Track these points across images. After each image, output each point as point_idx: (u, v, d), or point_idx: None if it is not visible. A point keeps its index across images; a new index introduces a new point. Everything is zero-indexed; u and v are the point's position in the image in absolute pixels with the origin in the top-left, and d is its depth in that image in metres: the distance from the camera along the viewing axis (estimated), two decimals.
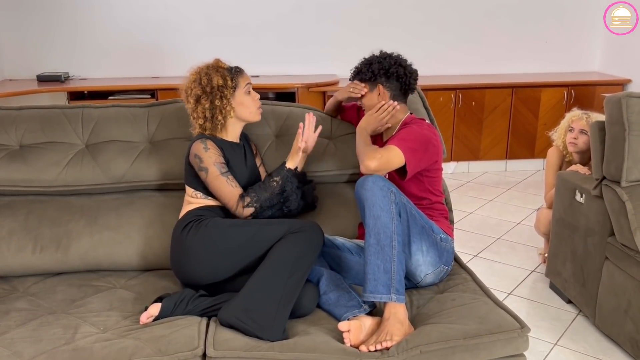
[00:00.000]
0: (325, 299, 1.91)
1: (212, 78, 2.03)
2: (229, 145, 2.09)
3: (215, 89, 2.03)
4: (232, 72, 2.08)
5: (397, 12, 4.96)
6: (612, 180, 2.40)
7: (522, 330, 1.73)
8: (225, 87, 2.04)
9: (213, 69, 2.06)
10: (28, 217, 2.14)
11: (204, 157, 1.99)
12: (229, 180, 1.99)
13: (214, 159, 1.99)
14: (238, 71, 2.10)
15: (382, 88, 2.14)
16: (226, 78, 2.05)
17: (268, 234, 1.87)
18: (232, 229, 1.92)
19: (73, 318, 1.84)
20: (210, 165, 1.98)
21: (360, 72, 2.19)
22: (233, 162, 2.07)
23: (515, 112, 4.83)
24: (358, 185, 1.89)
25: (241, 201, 1.97)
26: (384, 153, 1.93)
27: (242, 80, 2.09)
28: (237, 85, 2.07)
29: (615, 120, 2.35)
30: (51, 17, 4.70)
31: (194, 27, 4.83)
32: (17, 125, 2.22)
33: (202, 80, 2.04)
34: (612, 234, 2.39)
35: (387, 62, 2.14)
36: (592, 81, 4.88)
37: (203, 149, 2.00)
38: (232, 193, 1.97)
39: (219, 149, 2.03)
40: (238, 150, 2.13)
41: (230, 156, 2.07)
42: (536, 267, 3.23)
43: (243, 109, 2.09)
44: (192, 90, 2.06)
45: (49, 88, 4.41)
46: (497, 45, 5.14)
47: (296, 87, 4.43)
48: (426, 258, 1.97)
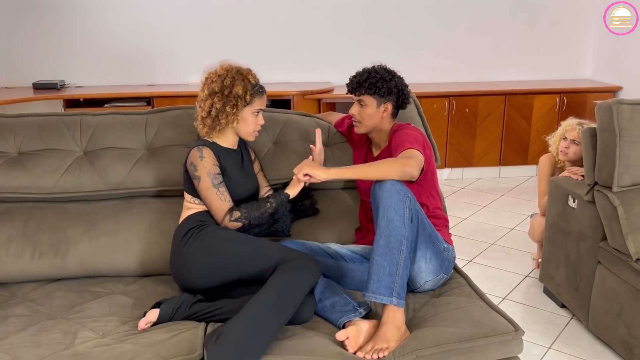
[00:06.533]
0: (321, 306, 1.93)
1: (236, 84, 2.03)
2: (225, 152, 2.09)
3: (232, 95, 2.03)
4: (253, 89, 2.07)
5: (391, 21, 5.01)
6: (603, 186, 2.43)
7: (517, 333, 1.76)
8: (241, 99, 2.04)
9: (241, 77, 2.05)
10: (27, 223, 2.15)
11: (199, 165, 2.00)
12: (219, 192, 1.99)
13: (208, 169, 2.00)
14: (259, 92, 2.09)
15: (389, 105, 2.17)
16: (247, 91, 2.05)
17: (261, 258, 1.87)
18: (229, 243, 1.93)
19: (72, 323, 1.85)
20: (203, 174, 1.99)
21: (375, 85, 2.13)
22: (229, 169, 2.07)
23: (509, 119, 4.88)
24: (375, 185, 1.91)
25: (229, 215, 1.97)
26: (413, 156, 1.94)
27: (257, 102, 2.09)
28: (251, 102, 2.06)
29: (606, 127, 2.39)
30: (47, 26, 4.72)
31: (190, 35, 4.86)
32: (16, 133, 2.24)
33: (225, 80, 2.04)
34: (605, 238, 2.43)
35: (399, 81, 2.17)
36: (584, 88, 4.94)
37: (199, 157, 2.00)
38: (220, 207, 1.98)
39: (215, 158, 2.03)
40: (235, 157, 2.13)
41: (226, 163, 2.07)
42: (530, 272, 3.26)
43: (244, 125, 2.08)
44: (213, 82, 2.05)
45: (45, 96, 4.42)
46: (490, 53, 5.20)
47: (291, 94, 4.46)
48: (428, 266, 2.00)
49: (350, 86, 2.19)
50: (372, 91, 2.14)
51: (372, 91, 2.14)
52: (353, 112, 2.21)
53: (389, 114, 2.18)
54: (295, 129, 2.38)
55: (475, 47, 5.17)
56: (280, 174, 2.30)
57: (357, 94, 2.17)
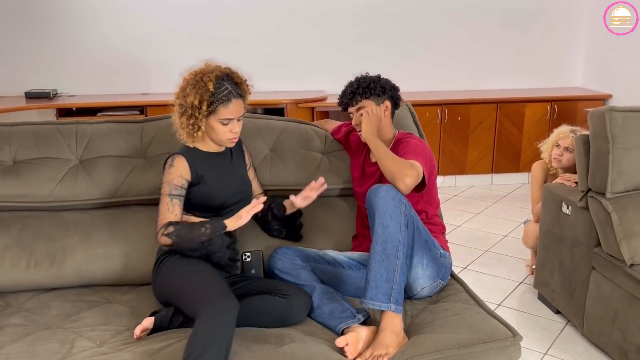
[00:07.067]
0: (319, 312, 1.93)
1: (189, 94, 1.92)
2: (206, 157, 2.03)
3: (187, 105, 1.93)
4: (214, 97, 1.91)
5: (383, 30, 5.05)
6: (597, 192, 2.46)
7: (515, 339, 1.77)
8: (198, 109, 1.92)
9: (198, 84, 1.91)
10: (22, 232, 2.14)
11: (165, 172, 1.97)
12: (170, 203, 1.93)
13: (171, 178, 1.95)
14: (225, 100, 1.92)
15: (388, 103, 2.21)
16: (203, 101, 1.91)
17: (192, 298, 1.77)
18: (176, 277, 1.86)
19: (69, 333, 1.84)
20: (164, 182, 1.96)
21: (369, 87, 2.18)
22: (210, 175, 2.01)
23: (500, 127, 4.92)
24: (371, 192, 1.92)
25: (164, 228, 1.89)
26: (416, 169, 1.97)
27: (223, 111, 1.93)
28: (214, 112, 1.93)
29: (599, 134, 2.42)
30: (39, 35, 4.71)
31: (182, 44, 4.86)
32: (11, 141, 2.23)
33: (186, 89, 1.94)
34: (599, 244, 2.45)
35: (386, 80, 2.23)
36: (575, 96, 4.98)
37: (169, 165, 1.97)
38: (163, 217, 1.92)
39: (186, 168, 1.96)
40: (218, 161, 2.06)
41: (206, 169, 2.00)
42: (524, 279, 3.27)
43: (212, 133, 1.99)
44: (177, 93, 1.99)
45: (38, 105, 4.40)
46: (482, 62, 5.24)
47: (285, 102, 4.48)
48: (425, 272, 2.01)
49: (346, 99, 2.23)
50: (369, 93, 2.19)
51: (369, 93, 2.19)
52: (356, 122, 2.23)
53: (389, 112, 2.22)
54: (292, 136, 2.38)
55: (466, 56, 5.21)
56: (276, 180, 2.31)
57: (354, 103, 2.21)
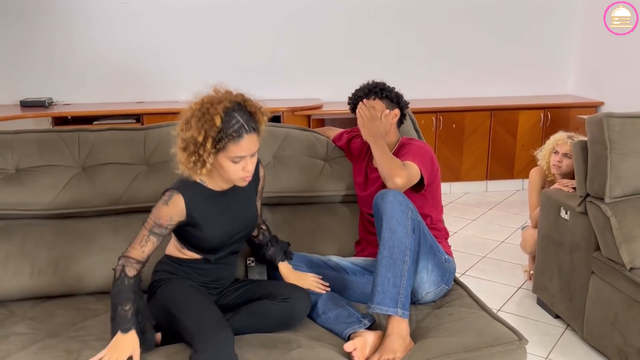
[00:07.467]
0: (325, 318, 1.94)
1: (192, 127, 1.65)
2: (209, 196, 1.80)
3: (189, 140, 1.67)
4: (225, 133, 1.64)
5: (378, 39, 5.09)
6: (595, 197, 2.49)
7: (521, 342, 1.78)
8: (202, 145, 1.65)
9: (204, 117, 1.65)
10: (25, 240, 2.13)
11: (157, 206, 1.76)
12: (146, 239, 1.75)
13: (160, 215, 1.74)
14: (235, 136, 1.65)
15: (397, 111, 2.25)
16: (208, 137, 1.64)
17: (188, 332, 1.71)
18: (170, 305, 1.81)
19: (74, 342, 1.83)
20: (152, 216, 1.76)
21: (386, 89, 2.24)
22: (208, 219, 1.80)
23: (495, 134, 4.96)
24: (378, 197, 1.93)
25: (122, 259, 1.76)
26: (408, 170, 2.01)
27: (233, 149, 1.67)
28: (223, 149, 1.67)
29: (596, 140, 2.46)
30: (34, 43, 4.70)
31: (178, 52, 4.88)
32: (14, 149, 2.22)
33: (190, 121, 1.68)
34: (598, 248, 2.48)
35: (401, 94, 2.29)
36: (567, 104, 5.05)
37: (164, 201, 1.75)
38: (132, 248, 1.76)
39: (181, 210, 1.75)
40: (223, 200, 1.84)
41: (202, 212, 1.78)
42: (522, 284, 3.30)
43: (222, 171, 1.74)
44: (180, 124, 1.73)
45: (33, 113, 4.39)
46: (476, 70, 5.30)
47: (281, 110, 4.49)
48: (430, 277, 2.02)
49: (361, 93, 2.25)
50: (383, 94, 2.23)
51: (383, 94, 2.23)
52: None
53: (397, 120, 2.26)
54: (294, 143, 2.40)
55: (461, 65, 5.26)
56: (279, 187, 2.32)
57: (368, 98, 2.24)
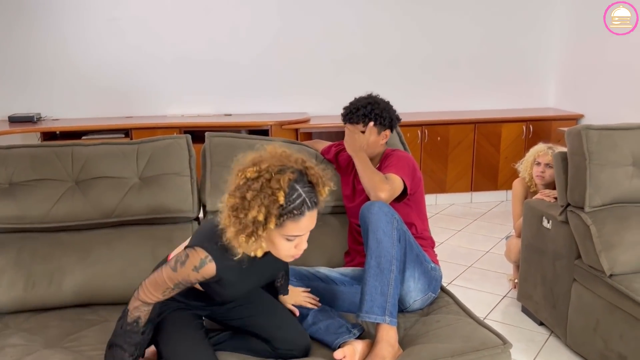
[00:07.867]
0: (315, 329, 1.98)
1: (252, 207, 1.48)
2: (241, 261, 1.60)
3: (249, 219, 1.49)
4: (286, 210, 1.49)
5: (364, 53, 5.18)
6: (576, 207, 2.57)
7: (505, 346, 1.84)
8: (263, 226, 1.50)
9: (264, 192, 1.48)
10: (19, 254, 2.15)
11: (184, 267, 1.59)
12: (169, 292, 1.64)
13: (188, 277, 1.61)
14: (298, 214, 1.51)
15: (388, 132, 2.32)
16: (270, 216, 1.48)
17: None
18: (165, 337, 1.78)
19: (69, 352, 1.85)
20: (178, 276, 1.60)
21: (380, 116, 2.27)
22: (233, 281, 1.68)
23: (478, 146, 5.06)
24: (364, 208, 1.99)
25: (138, 303, 1.68)
26: (391, 183, 2.08)
27: (291, 227, 1.52)
28: (280, 226, 1.52)
29: (576, 151, 2.54)
30: (23, 59, 4.73)
31: (166, 67, 4.92)
32: (7, 164, 2.25)
33: (247, 194, 1.49)
34: (579, 256, 2.55)
35: (394, 111, 2.34)
36: (548, 116, 5.17)
37: (193, 267, 1.58)
38: (152, 297, 1.66)
39: (211, 276, 1.62)
40: (252, 267, 1.68)
41: (235, 277, 1.67)
42: (507, 292, 3.37)
43: (271, 247, 1.59)
44: (231, 191, 1.55)
45: (22, 129, 4.41)
46: (460, 84, 5.41)
47: (269, 124, 4.55)
48: (417, 285, 2.08)
49: (353, 116, 2.28)
50: (377, 122, 2.28)
51: (377, 122, 2.28)
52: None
53: (386, 140, 2.32)
54: None
55: (445, 79, 5.37)
56: None
57: (360, 123, 2.28)
